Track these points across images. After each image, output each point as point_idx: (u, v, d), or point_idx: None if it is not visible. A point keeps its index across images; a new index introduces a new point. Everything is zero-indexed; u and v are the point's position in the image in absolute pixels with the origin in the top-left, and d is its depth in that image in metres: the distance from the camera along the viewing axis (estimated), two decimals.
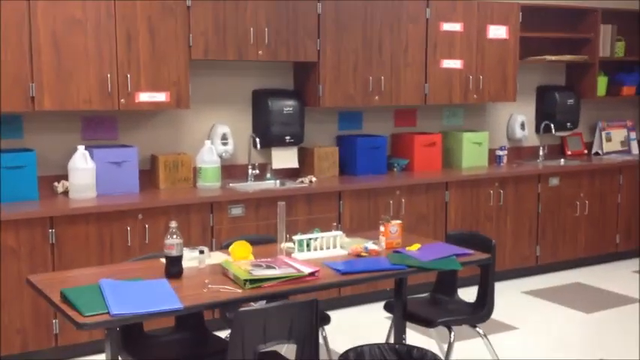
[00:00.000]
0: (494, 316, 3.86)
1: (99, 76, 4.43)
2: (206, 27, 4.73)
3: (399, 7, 5.42)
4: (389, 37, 5.41)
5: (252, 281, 2.89)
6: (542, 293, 5.60)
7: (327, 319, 3.64)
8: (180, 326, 3.44)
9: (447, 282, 3.95)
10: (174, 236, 3.03)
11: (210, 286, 2.89)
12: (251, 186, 5.11)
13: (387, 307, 3.81)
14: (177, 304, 2.66)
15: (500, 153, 6.27)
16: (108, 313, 2.57)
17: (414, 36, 5.52)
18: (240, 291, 2.86)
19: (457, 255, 3.42)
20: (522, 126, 6.48)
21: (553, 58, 6.31)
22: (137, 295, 2.73)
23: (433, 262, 3.31)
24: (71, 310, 2.62)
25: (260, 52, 4.93)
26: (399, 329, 3.67)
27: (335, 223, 3.68)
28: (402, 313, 3.66)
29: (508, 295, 5.47)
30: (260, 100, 5.24)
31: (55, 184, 4.68)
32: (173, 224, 3.05)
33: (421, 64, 5.58)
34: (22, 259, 4.11)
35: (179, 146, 5.12)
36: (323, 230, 3.57)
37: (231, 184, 5.06)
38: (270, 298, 3.01)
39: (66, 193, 4.60)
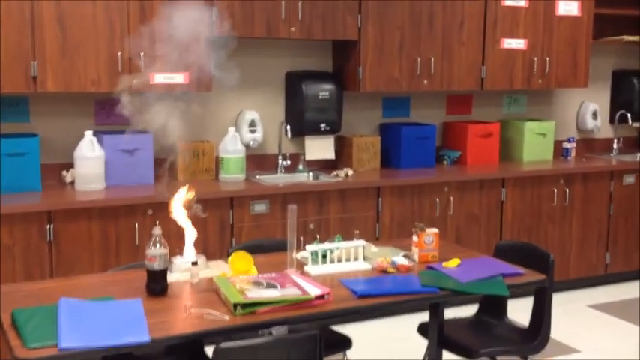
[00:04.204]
0: (553, 334, 3.24)
1: (109, 54, 4.00)
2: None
3: None
4: (441, 12, 4.84)
5: (245, 305, 2.36)
6: (611, 308, 4.99)
7: (348, 343, 3.10)
8: (174, 346, 2.95)
9: (496, 301, 3.35)
10: (158, 245, 2.54)
11: (192, 310, 2.37)
12: (280, 179, 4.60)
13: (420, 330, 3.23)
14: (142, 336, 2.15)
15: (568, 146, 5.69)
16: (56, 345, 2.09)
17: (470, 11, 4.94)
18: (227, 318, 2.33)
19: (504, 275, 2.81)
20: (594, 115, 5.92)
21: (631, 38, 5.70)
22: (98, 321, 2.23)
23: (474, 283, 2.71)
24: (16, 339, 2.15)
25: (292, 28, 4.40)
26: (434, 358, 3.09)
27: (357, 232, 3.11)
28: (438, 339, 3.08)
29: (571, 310, 4.86)
30: (293, 84, 4.73)
31: (64, 173, 4.27)
32: (157, 231, 2.55)
33: (478, 44, 5.01)
34: (17, 258, 3.70)
35: (202, 133, 4.63)
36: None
37: (258, 177, 4.56)
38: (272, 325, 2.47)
39: (74, 183, 4.18)
